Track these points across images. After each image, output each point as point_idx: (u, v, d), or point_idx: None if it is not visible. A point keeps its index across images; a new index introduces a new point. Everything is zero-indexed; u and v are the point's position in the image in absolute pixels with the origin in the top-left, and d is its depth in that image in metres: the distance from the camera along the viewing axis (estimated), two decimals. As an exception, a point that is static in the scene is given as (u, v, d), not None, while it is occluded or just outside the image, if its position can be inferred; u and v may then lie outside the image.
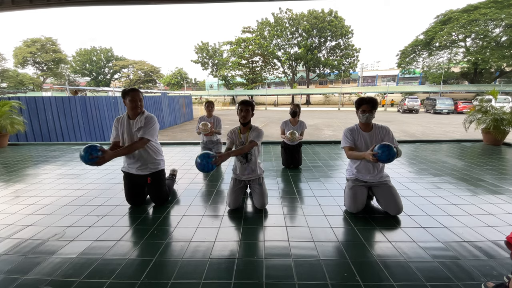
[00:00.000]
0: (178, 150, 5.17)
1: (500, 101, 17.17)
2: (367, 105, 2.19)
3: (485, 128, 5.41)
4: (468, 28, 25.38)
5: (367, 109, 2.19)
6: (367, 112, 2.19)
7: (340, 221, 2.20)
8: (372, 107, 2.19)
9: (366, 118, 2.21)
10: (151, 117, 2.38)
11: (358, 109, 2.26)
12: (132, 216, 2.36)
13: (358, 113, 2.27)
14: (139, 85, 42.85)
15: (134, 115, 2.36)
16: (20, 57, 34.36)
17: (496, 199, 2.60)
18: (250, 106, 2.36)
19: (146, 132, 2.30)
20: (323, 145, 5.60)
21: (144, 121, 2.34)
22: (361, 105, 2.22)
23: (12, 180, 3.44)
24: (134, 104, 2.30)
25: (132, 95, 2.29)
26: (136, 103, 2.30)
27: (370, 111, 2.18)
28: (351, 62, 36.05)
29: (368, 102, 2.19)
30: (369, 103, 2.19)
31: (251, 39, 35.14)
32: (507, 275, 1.38)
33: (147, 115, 2.39)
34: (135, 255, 1.76)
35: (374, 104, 2.20)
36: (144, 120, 2.34)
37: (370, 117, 2.21)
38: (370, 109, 2.18)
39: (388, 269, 1.57)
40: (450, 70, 30.75)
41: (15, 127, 5.89)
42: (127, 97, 2.29)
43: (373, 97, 2.27)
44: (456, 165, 3.85)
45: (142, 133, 2.30)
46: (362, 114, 2.22)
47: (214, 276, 1.54)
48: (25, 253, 1.80)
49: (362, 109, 2.21)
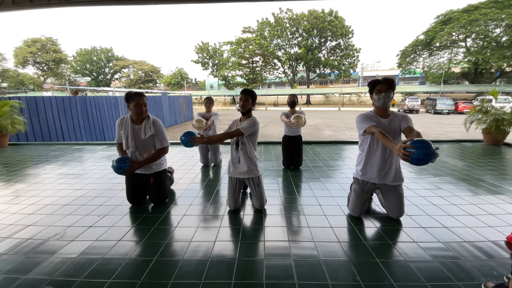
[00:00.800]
0: (178, 150, 5.17)
1: (500, 101, 17.15)
2: (383, 84, 1.91)
3: (486, 128, 5.41)
4: (468, 28, 25.37)
5: (383, 88, 1.91)
6: (383, 91, 1.90)
7: (340, 221, 2.20)
8: (389, 86, 1.91)
9: (383, 99, 1.91)
10: (159, 123, 2.45)
11: (372, 92, 1.99)
12: (132, 216, 2.36)
13: (373, 96, 1.99)
14: (139, 85, 42.91)
15: (139, 120, 2.38)
16: (20, 57, 34.38)
17: (496, 199, 2.60)
18: (250, 95, 2.30)
19: (164, 140, 2.46)
20: (323, 145, 5.60)
21: (154, 128, 2.39)
22: (375, 85, 1.95)
23: (12, 180, 3.45)
24: (139, 110, 2.30)
25: (137, 100, 2.28)
26: (141, 109, 2.31)
27: (387, 90, 1.90)
28: (351, 62, 36.02)
29: (384, 82, 1.93)
30: (385, 82, 1.92)
31: (251, 39, 35.12)
32: (507, 275, 1.38)
33: (153, 119, 2.43)
34: (136, 255, 1.76)
35: (391, 84, 1.92)
36: (153, 127, 2.39)
37: (388, 99, 1.91)
38: (387, 88, 1.90)
39: (388, 269, 1.58)
40: (451, 70, 30.74)
41: (15, 127, 5.90)
42: (131, 102, 2.28)
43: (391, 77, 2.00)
44: (457, 165, 3.85)
45: (161, 142, 2.44)
46: (377, 95, 1.93)
47: (214, 276, 1.55)
48: (26, 252, 1.80)
49: (377, 89, 1.93)
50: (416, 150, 1.44)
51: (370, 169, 2.11)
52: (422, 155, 1.43)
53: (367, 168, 2.13)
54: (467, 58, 27.40)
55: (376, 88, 1.95)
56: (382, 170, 2.07)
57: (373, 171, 2.10)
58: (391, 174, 2.07)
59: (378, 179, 2.09)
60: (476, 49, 26.53)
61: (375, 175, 2.09)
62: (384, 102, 1.93)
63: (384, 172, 2.07)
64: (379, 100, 1.94)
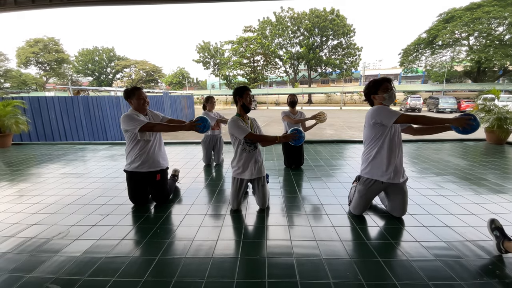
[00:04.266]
0: (180, 150, 5.18)
1: (503, 100, 17.04)
2: (387, 83, 1.95)
3: (489, 127, 5.37)
4: (471, 26, 25.18)
5: (389, 85, 1.95)
6: (390, 88, 1.94)
7: (342, 220, 2.20)
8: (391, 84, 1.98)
9: (392, 96, 1.94)
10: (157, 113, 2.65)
11: (377, 92, 1.98)
12: (135, 215, 2.37)
13: (378, 96, 1.98)
14: (141, 84, 42.95)
15: (144, 111, 2.48)
16: (23, 57, 34.55)
17: (499, 199, 2.59)
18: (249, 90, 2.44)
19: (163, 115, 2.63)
20: (325, 144, 5.59)
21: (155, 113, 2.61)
22: (381, 84, 1.96)
23: (16, 180, 3.48)
24: (143, 101, 2.43)
25: (138, 94, 2.41)
26: (144, 99, 2.44)
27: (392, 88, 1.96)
28: (353, 61, 35.87)
29: (386, 80, 1.97)
30: (388, 80, 1.97)
31: (252, 38, 35.09)
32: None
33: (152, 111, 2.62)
34: (139, 254, 1.77)
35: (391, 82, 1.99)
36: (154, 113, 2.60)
37: (394, 96, 1.96)
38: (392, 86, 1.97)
39: (390, 268, 1.58)
40: (453, 69, 30.57)
41: (19, 126, 5.94)
42: (133, 96, 2.39)
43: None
44: (459, 164, 3.83)
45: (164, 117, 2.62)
46: (387, 93, 1.94)
47: (217, 274, 1.55)
48: (30, 251, 1.82)
49: (383, 87, 1.95)
50: (475, 122, 1.82)
51: (380, 169, 2.03)
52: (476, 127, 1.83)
53: (377, 165, 2.03)
54: (470, 56, 27.21)
55: (382, 87, 1.95)
56: (393, 167, 2.00)
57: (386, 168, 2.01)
58: (401, 171, 2.05)
59: (388, 177, 2.01)
60: (479, 47, 26.32)
61: (386, 172, 2.01)
62: (392, 99, 1.96)
63: (395, 169, 2.01)
64: (390, 98, 1.95)
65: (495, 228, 1.73)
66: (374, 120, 1.96)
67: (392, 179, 2.02)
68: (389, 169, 2.01)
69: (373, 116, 1.95)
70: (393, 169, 2.01)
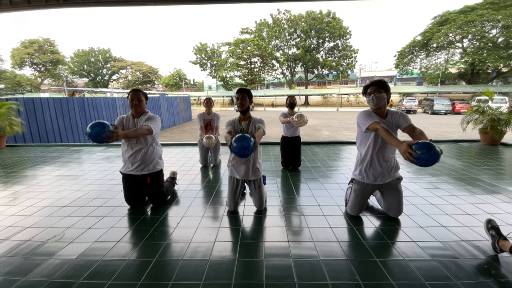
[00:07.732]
0: (177, 151, 5.16)
1: (497, 101, 17.29)
2: (373, 86, 1.97)
3: (483, 128, 5.45)
4: (465, 29, 25.57)
5: (372, 90, 1.97)
6: (371, 93, 1.96)
7: (339, 221, 2.21)
8: (380, 87, 1.96)
9: (372, 100, 1.97)
10: (154, 116, 2.52)
11: (365, 95, 2.07)
12: (131, 217, 2.35)
13: (367, 100, 2.05)
14: (137, 86, 42.78)
15: (137, 113, 2.44)
16: (17, 58, 34.17)
17: (493, 199, 2.62)
18: (247, 93, 2.31)
19: (150, 123, 2.39)
20: (321, 145, 5.61)
21: (148, 117, 2.46)
22: (366, 88, 2.02)
23: (10, 182, 3.43)
24: (131, 103, 2.40)
25: (131, 96, 2.41)
26: (133, 102, 2.39)
27: (376, 91, 1.95)
28: (349, 63, 36.17)
29: (374, 84, 1.99)
30: (375, 84, 1.98)
31: (249, 40, 35.18)
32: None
33: (151, 114, 2.52)
34: (135, 256, 1.76)
35: (382, 85, 1.97)
36: (148, 117, 2.46)
37: (377, 100, 1.95)
38: (376, 89, 1.96)
39: (387, 269, 1.58)
40: (448, 71, 30.95)
41: (13, 128, 5.86)
42: (129, 98, 2.42)
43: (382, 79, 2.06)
44: (454, 165, 3.88)
45: (146, 123, 2.40)
46: (367, 98, 2.01)
47: (214, 276, 1.55)
48: (24, 254, 1.79)
49: (368, 91, 2.00)
50: (422, 155, 1.46)
51: (370, 171, 2.10)
52: (426, 161, 1.47)
53: (367, 170, 2.11)
54: (464, 58, 27.62)
55: (367, 91, 2.03)
56: (383, 170, 2.07)
57: (374, 172, 2.09)
58: (392, 171, 2.11)
59: (379, 179, 2.10)
60: (473, 49, 26.73)
61: (376, 176, 2.09)
62: (375, 103, 1.98)
63: (385, 171, 2.08)
64: (370, 102, 2.01)
65: (492, 227, 1.76)
66: (357, 123, 2.11)
67: (382, 180, 2.10)
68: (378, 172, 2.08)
69: (357, 119, 2.10)
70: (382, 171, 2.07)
